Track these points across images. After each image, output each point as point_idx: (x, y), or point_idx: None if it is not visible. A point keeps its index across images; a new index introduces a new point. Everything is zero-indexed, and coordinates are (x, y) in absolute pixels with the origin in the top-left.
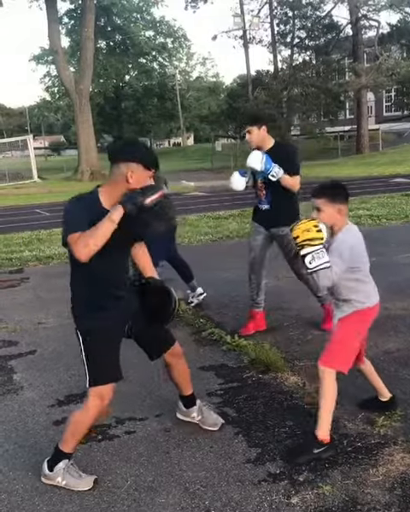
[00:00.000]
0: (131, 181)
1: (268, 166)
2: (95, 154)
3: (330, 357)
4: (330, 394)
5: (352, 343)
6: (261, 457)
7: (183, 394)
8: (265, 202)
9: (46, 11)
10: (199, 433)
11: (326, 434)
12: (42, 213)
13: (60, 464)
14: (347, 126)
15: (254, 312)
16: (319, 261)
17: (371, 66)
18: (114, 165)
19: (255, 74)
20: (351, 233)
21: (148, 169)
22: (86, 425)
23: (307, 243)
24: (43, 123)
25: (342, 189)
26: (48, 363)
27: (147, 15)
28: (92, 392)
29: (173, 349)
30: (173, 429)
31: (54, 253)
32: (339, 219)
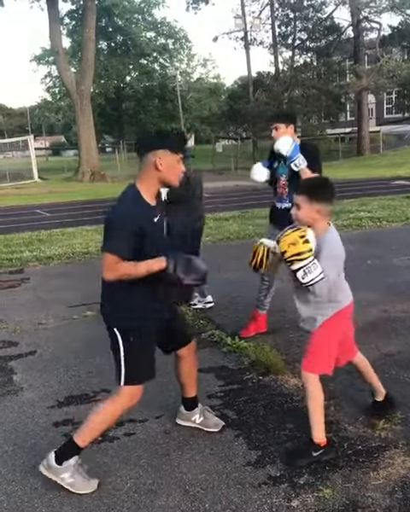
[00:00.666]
0: (161, 168)
1: (294, 153)
2: (96, 154)
3: (312, 363)
4: (316, 398)
5: (333, 345)
6: (262, 460)
7: (187, 396)
8: (286, 200)
9: (47, 12)
10: (199, 435)
11: (321, 437)
12: (42, 214)
13: (71, 460)
14: (348, 128)
15: (258, 314)
16: (311, 275)
17: (373, 68)
18: (142, 157)
19: (256, 76)
20: (333, 235)
21: (175, 153)
22: (109, 423)
23: (296, 258)
24: (44, 123)
25: (327, 189)
26: (48, 363)
27: (148, 16)
28: (124, 391)
29: (191, 343)
30: (173, 431)
31: (54, 253)
32: (318, 220)
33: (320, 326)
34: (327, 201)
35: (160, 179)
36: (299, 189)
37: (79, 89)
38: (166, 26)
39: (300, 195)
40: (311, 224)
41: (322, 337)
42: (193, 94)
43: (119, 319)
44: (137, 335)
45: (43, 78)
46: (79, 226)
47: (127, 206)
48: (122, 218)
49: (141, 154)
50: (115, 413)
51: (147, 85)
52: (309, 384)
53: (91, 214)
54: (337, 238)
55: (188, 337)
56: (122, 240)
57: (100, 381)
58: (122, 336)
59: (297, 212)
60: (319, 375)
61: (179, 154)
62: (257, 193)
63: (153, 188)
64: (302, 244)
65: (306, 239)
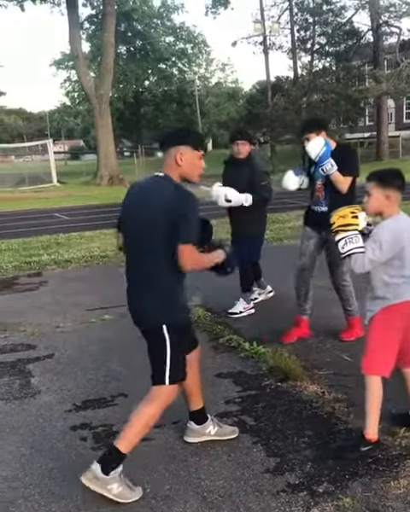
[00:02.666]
0: (181, 163)
1: (324, 158)
2: (114, 158)
3: (369, 363)
4: (373, 397)
5: (385, 342)
6: (280, 467)
7: (195, 408)
8: (322, 204)
9: (67, 16)
10: (217, 441)
11: (373, 434)
12: (61, 217)
13: (119, 469)
14: (366, 133)
15: (300, 319)
16: (351, 245)
17: (392, 73)
18: (165, 152)
19: (275, 80)
20: (397, 223)
21: (196, 150)
22: (151, 423)
23: (342, 229)
24: (63, 127)
25: (397, 176)
26: (65, 367)
27: (167, 21)
28: (165, 390)
29: (197, 350)
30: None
31: (72, 256)
32: (387, 206)
33: (370, 322)
34: (397, 188)
35: (180, 174)
36: (370, 176)
37: (98, 93)
38: (185, 31)
39: (371, 182)
40: (380, 211)
41: (370, 334)
42: (211, 98)
43: (168, 317)
44: (182, 332)
45: (62, 83)
46: (98, 230)
47: (192, 195)
48: (196, 210)
49: (164, 148)
50: (157, 414)
51: (165, 90)
52: (368, 384)
53: (109, 218)
54: (402, 227)
55: (196, 340)
56: (191, 228)
57: (117, 385)
58: (170, 333)
59: (367, 199)
60: (378, 375)
61: (200, 151)
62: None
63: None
64: (351, 218)
65: (356, 215)
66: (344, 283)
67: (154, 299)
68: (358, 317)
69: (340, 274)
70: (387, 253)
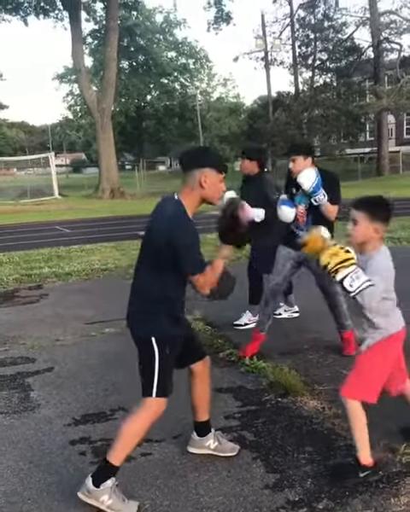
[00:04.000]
0: (205, 185)
1: (316, 189)
2: (115, 172)
3: (352, 387)
4: (356, 421)
5: (379, 371)
6: (280, 483)
7: (200, 420)
8: (304, 229)
9: (70, 31)
10: (216, 457)
11: (367, 458)
12: (62, 230)
13: (108, 482)
14: (367, 148)
15: (259, 336)
16: (359, 281)
17: (393, 89)
18: (187, 172)
19: (276, 95)
20: (385, 255)
21: (220, 173)
22: (140, 436)
23: (341, 266)
24: (64, 141)
25: (387, 208)
26: (65, 381)
27: (169, 36)
28: (151, 403)
29: (206, 358)
30: (190, 452)
31: (73, 269)
32: (374, 238)
33: (367, 349)
34: (386, 221)
35: (202, 196)
36: (359, 204)
37: (101, 107)
38: (187, 46)
39: (360, 212)
40: (365, 241)
41: (367, 361)
42: (213, 113)
43: (158, 328)
44: (172, 345)
45: (65, 97)
46: (98, 243)
47: (187, 225)
48: (192, 238)
49: (186, 169)
50: (144, 427)
51: (167, 104)
52: (347, 408)
53: (110, 231)
54: (387, 259)
55: (203, 351)
56: (197, 256)
57: (117, 398)
58: (159, 346)
59: (354, 227)
60: (360, 401)
61: (223, 174)
62: None
63: (195, 204)
64: (344, 253)
65: (347, 249)
66: (339, 299)
67: (145, 312)
68: (352, 330)
69: (333, 294)
70: (385, 286)
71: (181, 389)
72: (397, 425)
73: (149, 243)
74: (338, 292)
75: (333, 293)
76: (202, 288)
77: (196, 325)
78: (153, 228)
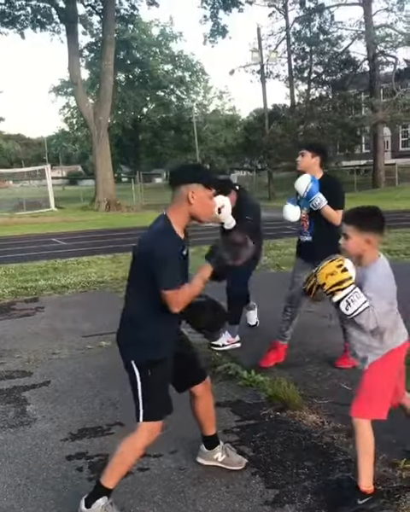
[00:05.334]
0: (193, 201)
1: (312, 194)
2: (112, 184)
3: (363, 406)
4: (366, 444)
5: (386, 387)
6: (279, 499)
7: (206, 434)
8: (307, 234)
9: (67, 44)
10: (215, 472)
11: (369, 485)
12: (58, 242)
13: (99, 501)
14: (363, 161)
15: (278, 344)
16: (355, 305)
17: (388, 102)
18: (175, 188)
19: (272, 108)
20: (383, 266)
21: (208, 188)
22: (132, 460)
23: (337, 288)
24: (61, 153)
25: (377, 218)
26: (61, 395)
27: (166, 49)
28: (143, 427)
29: (206, 381)
30: (189, 467)
31: (69, 282)
32: (367, 250)
33: (371, 366)
34: (378, 231)
35: (190, 213)
36: (348, 218)
37: (97, 119)
38: (184, 59)
39: (349, 225)
40: (360, 254)
41: (374, 378)
42: (209, 125)
43: (137, 352)
44: (154, 369)
45: (61, 109)
46: (95, 255)
47: (167, 240)
48: (167, 252)
49: (174, 185)
50: (135, 452)
51: (163, 117)
52: (359, 429)
53: (107, 243)
54: (386, 270)
55: (203, 373)
56: (173, 272)
57: (114, 413)
58: (139, 370)
59: (346, 242)
60: (370, 419)
61: (212, 190)
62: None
63: (183, 220)
64: (341, 273)
65: (344, 267)
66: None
67: (128, 335)
68: None
69: None
70: (388, 300)
71: (179, 404)
72: (397, 439)
73: (135, 261)
74: None
75: None
76: (174, 306)
77: (193, 339)
78: (139, 245)
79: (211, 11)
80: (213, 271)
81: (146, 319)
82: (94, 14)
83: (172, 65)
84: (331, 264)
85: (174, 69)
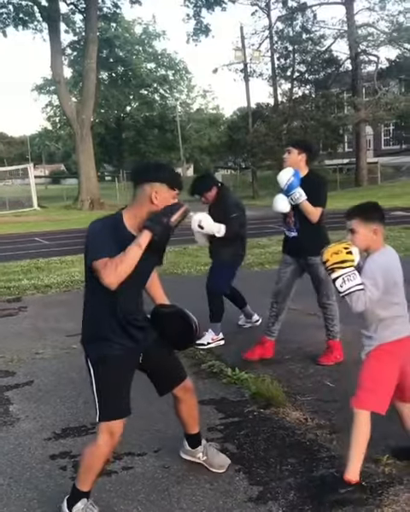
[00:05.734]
0: (156, 201)
1: (292, 187)
2: (95, 183)
3: (362, 398)
4: (362, 436)
5: (384, 378)
6: (263, 496)
7: (189, 433)
8: (293, 230)
9: (49, 42)
10: (199, 470)
11: (355, 475)
12: (41, 241)
13: (78, 504)
14: (346, 159)
15: (265, 339)
16: (350, 283)
17: (370, 101)
18: (137, 186)
19: (255, 107)
20: (385, 256)
21: (172, 189)
22: (99, 462)
23: (338, 266)
24: (44, 152)
25: (377, 209)
26: (44, 394)
27: (149, 48)
28: (102, 428)
29: (185, 383)
30: (173, 466)
31: (52, 281)
32: (375, 240)
33: (368, 357)
34: (382, 221)
35: (151, 212)
36: (350, 214)
37: (80, 118)
38: (167, 58)
39: (353, 219)
40: (369, 246)
41: (369, 369)
42: (192, 124)
43: (88, 345)
44: (105, 364)
45: (43, 108)
46: (78, 254)
47: (103, 227)
48: (100, 227)
49: (137, 183)
50: (100, 453)
51: (147, 115)
52: (357, 420)
53: None
54: (386, 260)
55: (181, 375)
56: (102, 244)
57: None
58: (92, 366)
59: (353, 237)
60: (369, 411)
61: (175, 190)
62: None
63: (139, 218)
64: (346, 254)
65: (349, 250)
66: (330, 302)
67: (83, 331)
68: (338, 340)
69: (325, 293)
70: (382, 289)
71: (161, 403)
72: (379, 435)
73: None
74: (330, 297)
75: (324, 297)
76: (104, 277)
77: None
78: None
79: (194, 10)
80: (151, 235)
81: (95, 314)
82: (76, 13)
83: (156, 63)
84: (340, 245)
85: (157, 68)
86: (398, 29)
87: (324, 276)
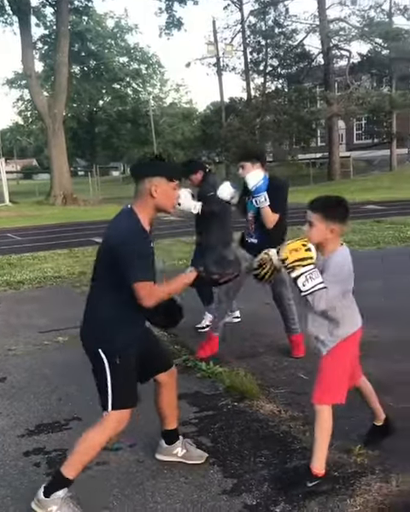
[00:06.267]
0: (156, 195)
1: (260, 190)
2: (68, 178)
3: (323, 393)
4: (325, 429)
5: (343, 373)
6: (237, 488)
7: (168, 428)
8: (252, 236)
9: (20, 36)
10: (173, 463)
11: (321, 468)
12: (13, 237)
13: (59, 492)
14: (318, 154)
15: (213, 336)
16: (312, 282)
17: (343, 95)
18: (138, 182)
19: (229, 101)
20: (343, 256)
21: (171, 180)
22: (97, 449)
23: (298, 264)
24: (15, 146)
25: (341, 208)
26: (18, 391)
27: (121, 42)
28: (112, 416)
29: (172, 369)
30: (147, 460)
31: (25, 278)
32: (330, 239)
33: (328, 353)
34: (342, 221)
35: (155, 206)
36: (313, 206)
37: (52, 112)
38: (139, 52)
39: (314, 213)
40: (322, 243)
41: (331, 364)
42: (166, 118)
43: (105, 341)
44: (124, 358)
45: (15, 102)
46: (51, 250)
47: (138, 234)
48: (139, 246)
49: (136, 179)
50: (102, 440)
51: (120, 110)
52: (321, 415)
53: (63, 238)
54: (343, 260)
55: (169, 362)
56: (146, 265)
57: (71, 408)
58: (108, 359)
59: (309, 229)
60: (331, 404)
61: (175, 181)
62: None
63: (149, 214)
64: (305, 252)
65: (308, 247)
66: (289, 302)
67: (92, 326)
68: (301, 333)
69: (282, 295)
70: (342, 287)
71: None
72: (351, 425)
73: (102, 257)
74: (287, 297)
75: (282, 297)
76: (147, 299)
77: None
78: (106, 240)
79: (166, 3)
80: (196, 279)
81: (111, 313)
82: (47, 6)
83: (128, 57)
84: (297, 242)
85: (130, 62)
86: (369, 24)
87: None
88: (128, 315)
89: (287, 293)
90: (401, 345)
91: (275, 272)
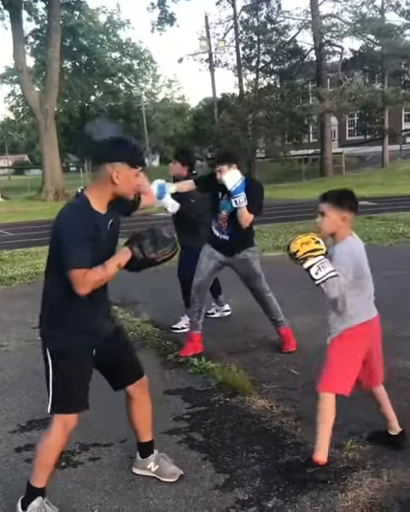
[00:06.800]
0: (118, 181)
1: (239, 190)
2: (59, 173)
3: (326, 381)
4: (327, 419)
5: (349, 362)
6: (229, 483)
7: (142, 440)
8: (224, 233)
9: (11, 31)
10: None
11: (323, 457)
12: (5, 233)
13: (33, 503)
14: (311, 150)
15: (193, 335)
16: (324, 271)
17: (335, 91)
18: (99, 166)
19: (221, 97)
20: (351, 243)
21: (134, 167)
22: (53, 454)
23: (310, 255)
24: (7, 142)
25: (351, 197)
26: (10, 387)
27: (113, 37)
28: (56, 419)
29: (142, 380)
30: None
31: (16, 273)
32: (342, 227)
33: (332, 342)
34: (352, 210)
35: (114, 192)
36: (325, 197)
37: (43, 108)
38: (132, 47)
39: (326, 203)
40: (334, 231)
41: (334, 353)
42: (158, 114)
43: (48, 337)
44: (66, 357)
45: (6, 97)
46: (43, 246)
47: (79, 217)
48: (76, 229)
49: (98, 163)
50: (56, 444)
51: (112, 105)
52: (322, 403)
53: None
54: (353, 248)
55: (138, 371)
56: (81, 250)
57: None
58: (51, 358)
59: (322, 220)
60: (334, 394)
61: (138, 168)
62: None
63: (105, 198)
64: (315, 244)
65: (318, 240)
66: (269, 296)
67: (45, 322)
68: (288, 327)
69: (261, 290)
70: (353, 274)
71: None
72: (343, 420)
73: (50, 246)
74: (266, 290)
75: (261, 291)
76: (80, 287)
77: (145, 327)
78: (52, 228)
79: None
80: (131, 259)
81: (58, 303)
82: (39, 0)
83: (120, 53)
84: (307, 236)
85: (122, 57)
86: (361, 20)
87: (258, 270)
88: (78, 308)
89: (265, 287)
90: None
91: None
